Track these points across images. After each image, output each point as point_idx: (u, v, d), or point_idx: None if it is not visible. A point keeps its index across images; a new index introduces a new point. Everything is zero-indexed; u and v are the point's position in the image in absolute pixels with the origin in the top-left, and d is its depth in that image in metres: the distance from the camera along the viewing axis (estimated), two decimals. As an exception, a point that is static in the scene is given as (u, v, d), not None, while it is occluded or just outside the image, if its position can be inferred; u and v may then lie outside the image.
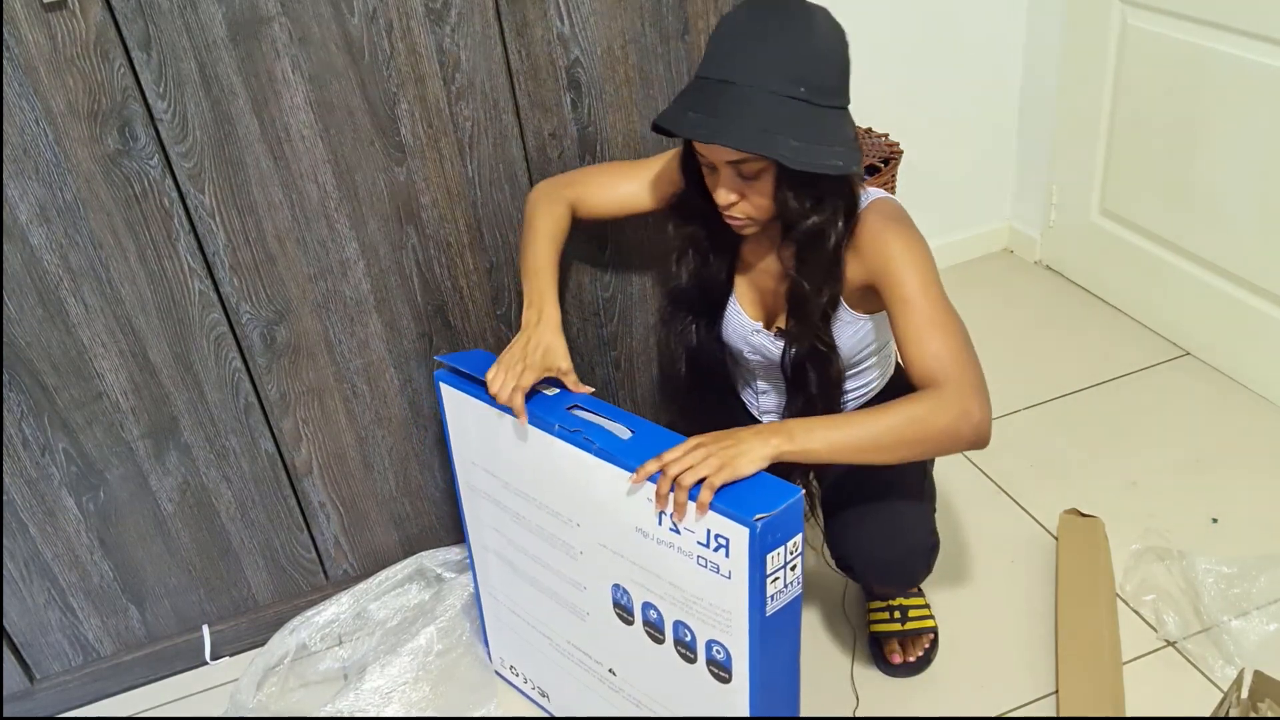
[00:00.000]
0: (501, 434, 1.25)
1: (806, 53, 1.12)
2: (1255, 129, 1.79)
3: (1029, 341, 2.19)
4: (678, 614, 1.13)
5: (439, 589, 1.63)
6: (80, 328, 1.37)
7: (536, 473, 1.23)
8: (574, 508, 1.20)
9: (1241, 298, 1.92)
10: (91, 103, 1.25)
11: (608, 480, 1.12)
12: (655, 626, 1.18)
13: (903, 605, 1.51)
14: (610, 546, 1.17)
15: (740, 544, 1.01)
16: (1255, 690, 1.21)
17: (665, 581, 1.12)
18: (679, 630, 1.15)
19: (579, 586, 1.26)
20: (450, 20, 1.33)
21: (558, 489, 1.21)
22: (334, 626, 1.61)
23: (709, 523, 1.03)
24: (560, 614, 1.32)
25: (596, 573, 1.22)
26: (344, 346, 1.50)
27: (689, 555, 1.07)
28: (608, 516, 1.15)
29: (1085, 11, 2.10)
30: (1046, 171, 2.35)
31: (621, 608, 1.21)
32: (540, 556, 1.30)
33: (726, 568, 1.04)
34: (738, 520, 1.01)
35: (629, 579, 1.18)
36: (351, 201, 1.40)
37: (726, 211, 1.22)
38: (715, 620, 1.09)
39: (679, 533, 1.07)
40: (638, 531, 1.12)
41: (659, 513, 1.08)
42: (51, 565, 1.52)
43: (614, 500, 1.13)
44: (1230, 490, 1.72)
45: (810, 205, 1.18)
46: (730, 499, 1.02)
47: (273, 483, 1.57)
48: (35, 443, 1.42)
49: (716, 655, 1.12)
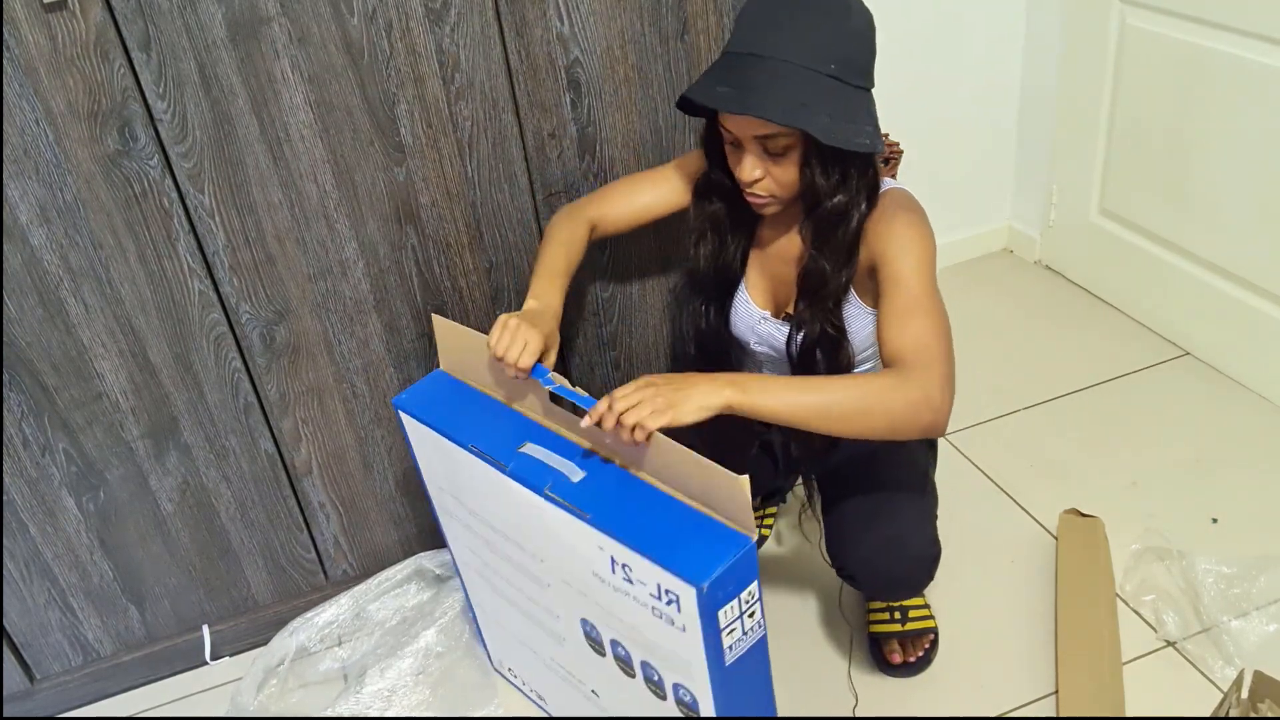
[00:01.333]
0: (462, 468, 1.21)
1: (838, 31, 1.12)
2: (1255, 128, 1.79)
3: (1029, 341, 2.19)
4: (643, 655, 1.11)
5: (438, 590, 1.63)
6: (80, 328, 1.37)
7: (498, 507, 1.19)
8: (536, 544, 1.17)
9: (1241, 298, 1.92)
10: (91, 103, 1.25)
11: (563, 524, 1.08)
12: (625, 662, 1.15)
13: (903, 606, 1.51)
14: (573, 585, 1.14)
15: (689, 602, 0.97)
16: (1255, 690, 1.21)
17: (626, 624, 1.10)
18: (646, 670, 1.12)
19: (552, 614, 1.24)
20: (450, 20, 1.34)
21: (519, 525, 1.17)
22: (333, 628, 1.61)
23: (657, 577, 0.99)
24: (541, 634, 1.31)
25: (564, 605, 1.19)
26: (344, 346, 1.50)
27: (644, 605, 1.04)
28: (567, 557, 1.12)
29: (1085, 11, 2.10)
30: (1046, 171, 2.35)
31: (592, 640, 1.19)
32: (513, 582, 1.28)
33: (680, 621, 1.00)
34: (685, 579, 0.96)
35: (594, 616, 1.15)
36: (351, 201, 1.40)
37: (750, 189, 1.21)
38: (678, 668, 1.06)
39: (632, 583, 1.03)
40: (594, 576, 1.09)
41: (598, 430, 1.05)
42: (51, 565, 1.52)
43: (570, 542, 1.09)
44: (1230, 490, 1.72)
45: (836, 183, 1.17)
46: (675, 554, 0.98)
47: (272, 483, 1.57)
48: (35, 443, 1.42)
49: (684, 698, 1.09)
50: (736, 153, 1.20)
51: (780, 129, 1.13)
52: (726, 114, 1.16)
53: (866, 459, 1.37)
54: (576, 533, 1.07)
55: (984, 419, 1.97)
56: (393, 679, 1.51)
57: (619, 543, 1.02)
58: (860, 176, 1.19)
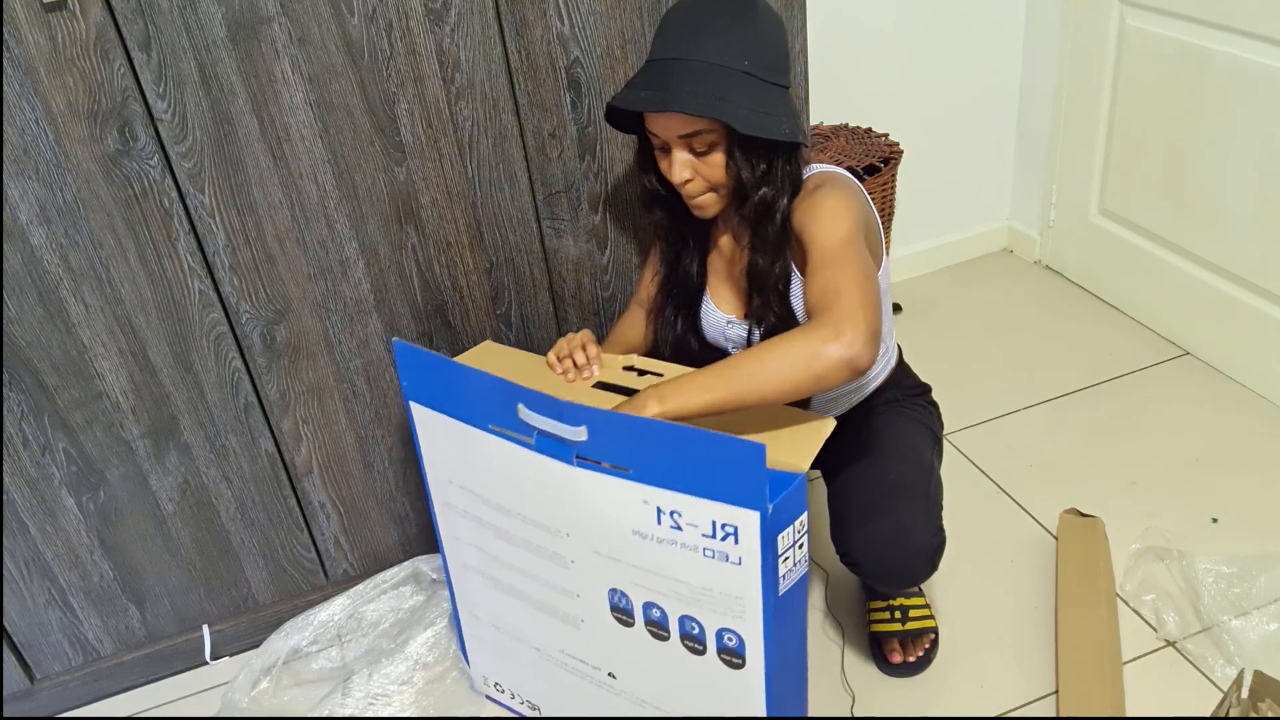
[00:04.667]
0: (477, 450, 1.22)
1: (749, 33, 1.17)
2: (1254, 128, 1.79)
3: (1029, 341, 2.19)
4: (684, 609, 1.12)
5: (433, 595, 1.63)
6: (80, 328, 1.37)
7: (517, 487, 1.20)
8: (561, 518, 1.18)
9: (1241, 298, 1.92)
10: (91, 103, 1.25)
11: (595, 487, 1.11)
12: (659, 625, 1.16)
13: (903, 605, 1.51)
14: (604, 552, 1.15)
15: (751, 529, 1.01)
16: (1255, 690, 1.21)
17: (668, 579, 1.11)
18: (685, 625, 1.14)
19: (571, 595, 1.24)
20: (450, 20, 1.34)
21: (541, 501, 1.18)
22: (328, 628, 1.61)
23: (713, 513, 1.03)
24: (552, 625, 1.30)
25: (590, 580, 1.20)
26: (344, 346, 1.50)
27: (694, 549, 1.07)
28: (599, 523, 1.13)
29: (1084, 12, 2.11)
30: (1046, 172, 2.35)
31: (620, 611, 1.20)
32: (527, 569, 1.28)
33: (736, 554, 1.04)
34: (748, 506, 1.00)
35: (627, 582, 1.16)
36: (351, 201, 1.40)
37: (683, 189, 1.25)
38: (726, 609, 1.08)
39: (681, 529, 1.06)
40: (635, 534, 1.10)
41: None
42: (51, 565, 1.52)
43: (605, 506, 1.11)
44: (1230, 490, 1.72)
45: (761, 175, 1.21)
46: (732, 487, 1.01)
47: (273, 482, 1.57)
48: (35, 443, 1.42)
49: (728, 643, 1.11)
50: (666, 158, 1.25)
51: (701, 124, 1.18)
52: (651, 117, 1.22)
53: (871, 451, 1.39)
54: (615, 492, 1.09)
55: (984, 419, 1.97)
56: (381, 684, 1.51)
57: (667, 490, 1.05)
58: (785, 167, 1.23)
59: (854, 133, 2.16)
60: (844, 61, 2.14)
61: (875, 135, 2.15)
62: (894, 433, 1.41)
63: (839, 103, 2.18)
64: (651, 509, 1.07)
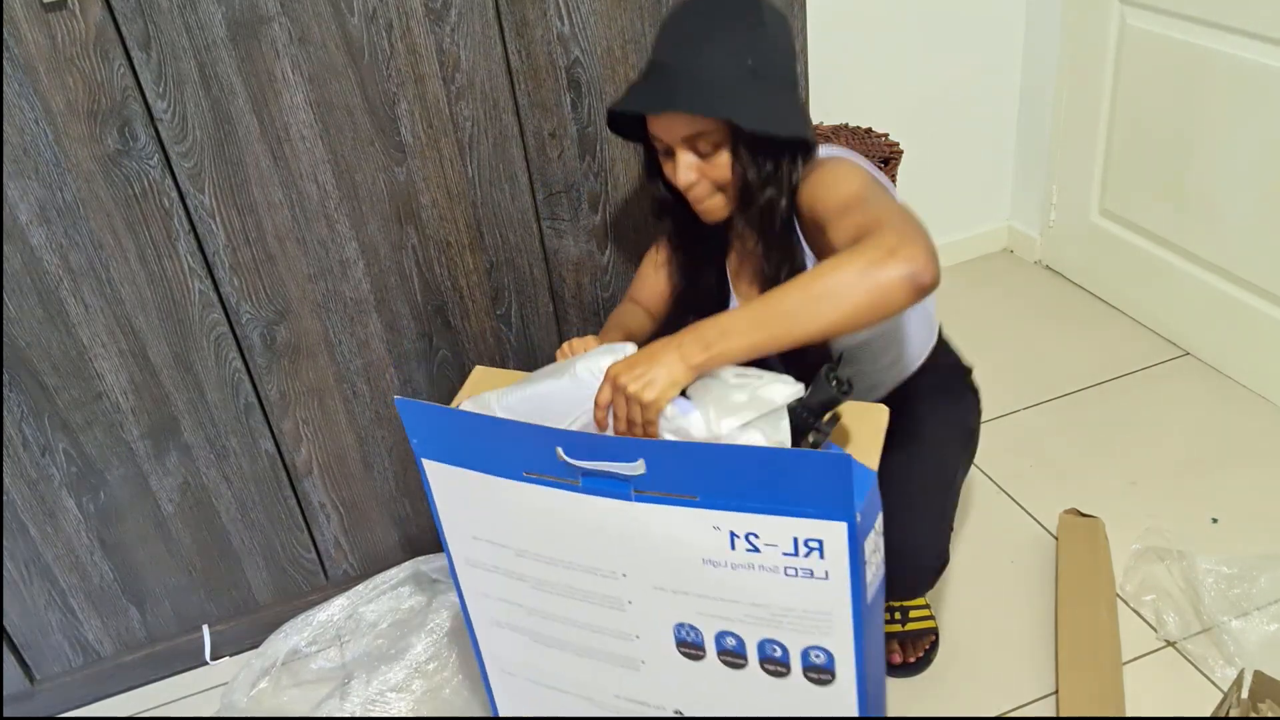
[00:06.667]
0: (507, 501, 1.12)
1: (753, 35, 1.15)
2: (1254, 129, 1.79)
3: (1029, 341, 2.19)
4: (763, 633, 1.05)
5: (433, 597, 1.62)
6: (80, 328, 1.37)
7: (560, 533, 1.10)
8: (615, 559, 1.08)
9: (1241, 298, 1.92)
10: (91, 102, 1.25)
11: (659, 520, 1.02)
12: (734, 653, 1.09)
13: (903, 606, 1.51)
14: (669, 587, 1.07)
15: (838, 541, 0.95)
16: (1255, 690, 1.21)
17: (745, 604, 1.04)
18: (766, 649, 1.07)
19: (629, 638, 1.14)
20: (450, 20, 1.34)
21: (591, 544, 1.09)
22: (327, 629, 1.61)
23: (794, 530, 0.97)
24: (604, 670, 1.20)
25: (652, 618, 1.11)
26: (344, 346, 1.50)
27: (773, 569, 1.00)
28: (663, 557, 1.05)
29: (1084, 11, 2.11)
30: (1046, 172, 2.35)
31: (688, 645, 1.11)
32: (574, 618, 1.17)
33: (822, 569, 0.98)
34: (833, 518, 0.94)
35: (696, 613, 1.08)
36: (351, 201, 1.40)
37: (690, 193, 1.22)
38: (812, 626, 1.02)
39: (759, 550, 0.99)
40: (706, 563, 1.03)
41: None
42: (52, 566, 1.51)
43: (670, 538, 1.03)
44: (1230, 490, 1.72)
45: (767, 175, 1.18)
46: (810, 500, 0.94)
47: (273, 483, 1.57)
48: (35, 443, 1.42)
49: (816, 660, 1.05)
50: (671, 162, 1.21)
51: (705, 124, 1.15)
52: (654, 120, 1.19)
53: (900, 449, 1.30)
54: (681, 523, 1.01)
55: (984, 419, 1.97)
56: (379, 688, 1.50)
57: (740, 513, 0.98)
58: (790, 167, 1.19)
59: (854, 133, 2.16)
60: (844, 61, 2.14)
61: (875, 135, 2.14)
62: (925, 435, 1.36)
63: (839, 103, 2.18)
64: (724, 535, 1.00)
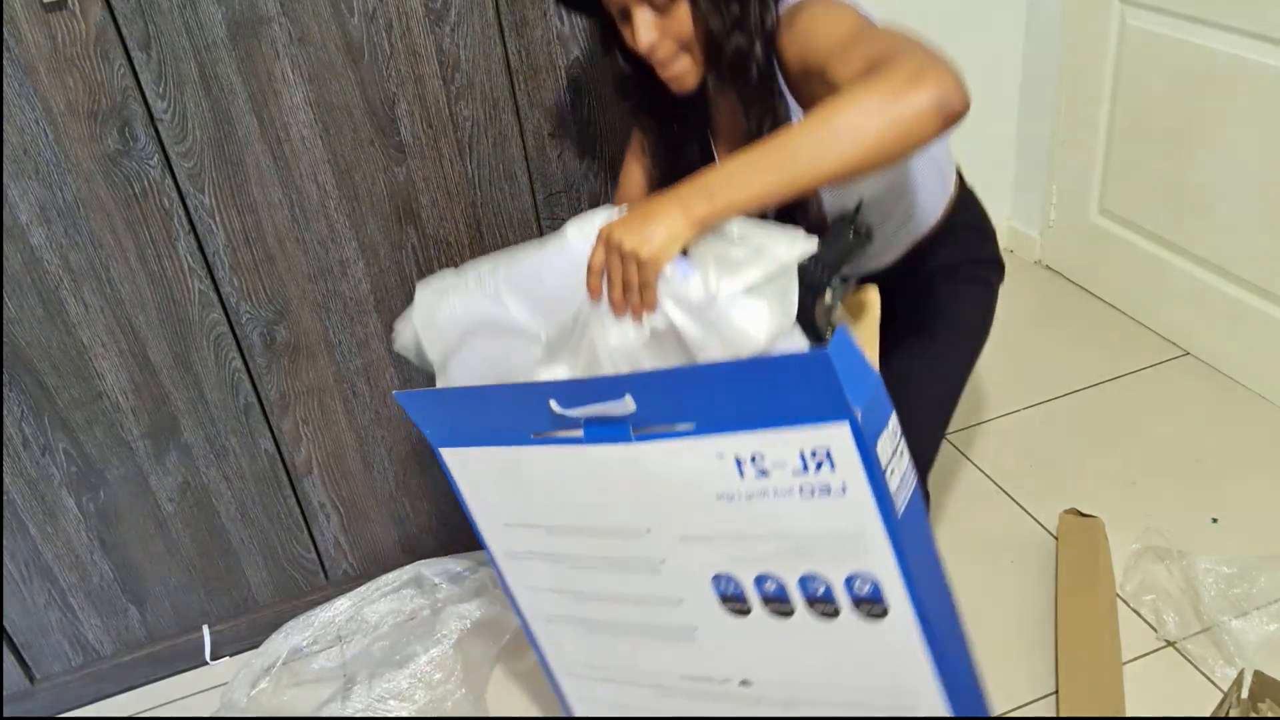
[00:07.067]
0: (527, 472, 1.08)
1: None
2: (1255, 128, 1.79)
3: (1029, 341, 2.19)
4: (800, 568, 0.98)
5: (441, 608, 1.62)
6: (80, 328, 1.37)
7: (581, 496, 1.06)
8: (637, 514, 1.03)
9: (1241, 298, 1.92)
10: (91, 102, 1.25)
11: (662, 457, 0.96)
12: (778, 599, 1.01)
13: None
14: (695, 534, 1.01)
15: (844, 446, 0.87)
16: (1255, 690, 1.21)
17: (772, 539, 0.97)
18: (808, 587, 0.99)
19: (673, 603, 1.09)
20: (450, 20, 1.34)
21: (610, 502, 1.04)
22: (329, 629, 1.61)
23: (799, 441, 0.89)
24: (663, 649, 1.14)
25: (688, 576, 1.05)
26: (344, 346, 1.50)
27: (788, 492, 0.93)
28: (679, 500, 0.99)
29: (1084, 11, 2.10)
30: (1046, 171, 2.35)
31: (732, 600, 1.04)
32: (617, 592, 1.12)
33: (837, 481, 0.90)
34: (833, 419, 0.86)
35: (728, 560, 1.01)
36: (351, 201, 1.40)
37: (653, 57, 1.13)
38: (846, 550, 0.94)
39: (768, 474, 0.92)
40: (721, 499, 0.96)
41: None
42: (52, 565, 1.52)
43: (679, 477, 0.97)
44: (1230, 490, 1.72)
45: (733, 21, 1.08)
46: (806, 405, 0.87)
47: (273, 483, 1.57)
48: (35, 443, 1.42)
49: (861, 591, 0.96)
50: (629, 27, 1.12)
51: None
52: None
53: (899, 351, 1.24)
54: (686, 456, 0.95)
55: (984, 419, 1.97)
56: (381, 693, 1.50)
57: (740, 432, 0.91)
58: (760, 10, 1.09)
59: (854, 133, 2.16)
60: (844, 61, 2.14)
61: (875, 135, 2.14)
62: (938, 331, 1.25)
63: (839, 103, 2.18)
64: (729, 462, 0.93)
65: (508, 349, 1.09)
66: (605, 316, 0.99)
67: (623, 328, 0.98)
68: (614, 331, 0.99)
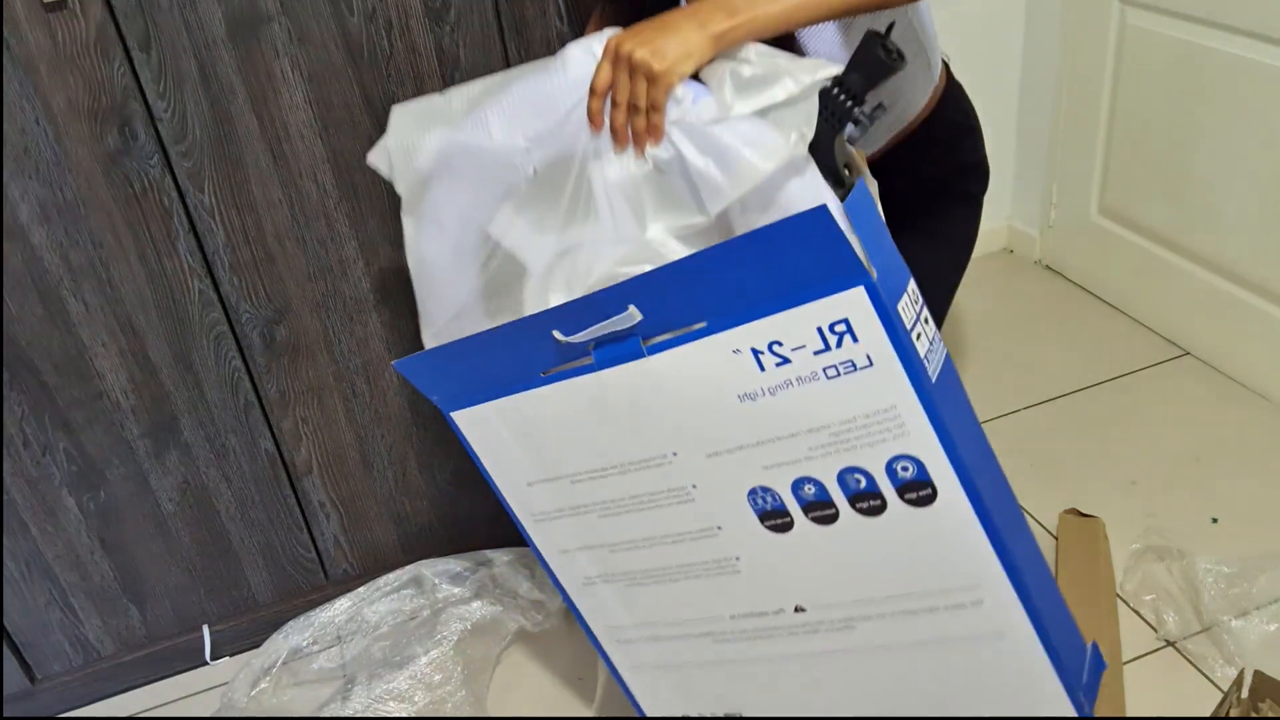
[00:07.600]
0: (543, 418, 1.03)
1: None
2: (1255, 128, 1.79)
3: (1029, 341, 2.19)
4: (838, 463, 0.92)
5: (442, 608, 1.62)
6: (80, 327, 1.37)
7: (601, 433, 1.00)
8: (660, 438, 0.98)
9: (1241, 297, 1.92)
10: (92, 102, 1.25)
11: (678, 367, 0.91)
12: (821, 503, 0.96)
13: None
14: (722, 448, 0.96)
15: (863, 312, 0.82)
16: (1255, 690, 1.21)
17: (803, 435, 0.92)
18: (849, 484, 0.93)
19: (712, 532, 1.03)
20: (450, 19, 1.34)
21: (632, 431, 0.98)
22: (329, 629, 1.61)
23: (817, 317, 0.84)
24: (710, 589, 1.08)
25: (722, 497, 1.00)
26: (343, 345, 1.50)
27: (813, 375, 0.87)
28: (702, 413, 0.94)
29: (1084, 11, 2.11)
30: (1046, 171, 2.35)
31: (773, 516, 0.99)
32: (651, 535, 1.06)
33: (861, 353, 0.85)
34: (848, 285, 0.81)
35: (762, 469, 0.96)
36: (351, 200, 1.40)
37: None
38: (882, 431, 0.89)
39: (789, 361, 0.87)
40: (744, 399, 0.91)
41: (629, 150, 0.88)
42: (52, 565, 1.52)
43: (698, 385, 0.92)
44: (1230, 490, 1.72)
45: None
46: (818, 278, 0.82)
47: (272, 482, 1.57)
48: (35, 442, 1.42)
49: (905, 474, 0.91)
50: None
51: None
52: None
53: None
54: (702, 360, 0.90)
55: (984, 419, 1.96)
56: (380, 694, 1.50)
57: (753, 321, 0.87)
58: None
59: (854, 132, 2.16)
60: (844, 61, 2.14)
61: (875, 135, 2.14)
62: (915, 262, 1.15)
63: (839, 103, 2.18)
64: (747, 356, 0.88)
65: (490, 185, 1.01)
66: (605, 148, 0.93)
67: (624, 160, 0.92)
68: (613, 165, 0.92)
